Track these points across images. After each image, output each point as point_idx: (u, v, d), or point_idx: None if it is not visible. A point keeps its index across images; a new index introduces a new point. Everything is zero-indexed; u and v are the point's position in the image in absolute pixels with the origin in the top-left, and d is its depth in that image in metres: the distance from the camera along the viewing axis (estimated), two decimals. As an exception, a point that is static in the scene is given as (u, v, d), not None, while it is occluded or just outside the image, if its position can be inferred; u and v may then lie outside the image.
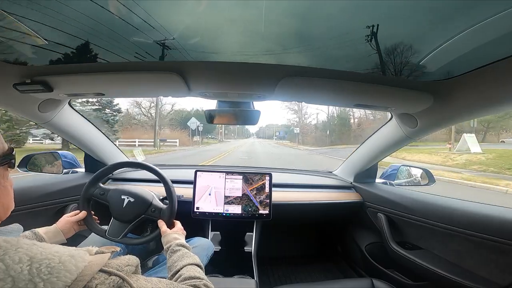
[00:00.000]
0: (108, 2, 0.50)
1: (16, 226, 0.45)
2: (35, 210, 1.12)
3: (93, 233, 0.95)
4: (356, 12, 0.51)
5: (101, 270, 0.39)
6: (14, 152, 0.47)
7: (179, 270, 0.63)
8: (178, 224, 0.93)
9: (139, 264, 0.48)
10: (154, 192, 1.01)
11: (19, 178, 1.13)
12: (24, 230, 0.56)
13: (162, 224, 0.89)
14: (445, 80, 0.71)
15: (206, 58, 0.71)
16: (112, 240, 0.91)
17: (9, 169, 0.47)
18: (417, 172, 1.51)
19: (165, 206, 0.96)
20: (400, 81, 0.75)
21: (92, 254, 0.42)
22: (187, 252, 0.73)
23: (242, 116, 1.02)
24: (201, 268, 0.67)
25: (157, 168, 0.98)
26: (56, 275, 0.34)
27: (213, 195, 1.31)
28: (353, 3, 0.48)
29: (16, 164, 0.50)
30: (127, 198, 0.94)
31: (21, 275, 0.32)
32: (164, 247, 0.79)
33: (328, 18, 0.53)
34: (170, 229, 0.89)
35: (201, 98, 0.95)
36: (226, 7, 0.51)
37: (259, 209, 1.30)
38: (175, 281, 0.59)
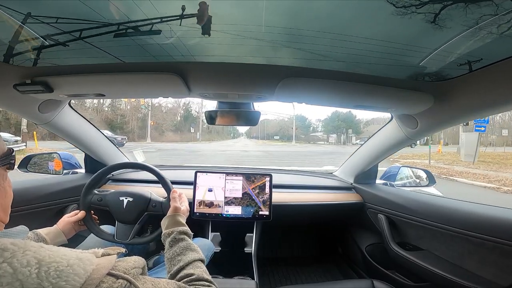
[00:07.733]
0: (108, 2, 0.50)
1: (23, 228, 0.45)
2: (35, 210, 1.12)
3: (92, 234, 0.95)
4: (356, 13, 0.51)
5: (108, 274, 0.38)
6: (13, 153, 0.47)
7: (184, 267, 0.60)
8: (184, 198, 0.87)
9: (146, 265, 0.48)
10: (153, 192, 1.01)
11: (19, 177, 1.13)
12: None
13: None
14: (445, 80, 0.71)
15: (206, 59, 0.71)
16: (122, 243, 0.90)
17: (7, 170, 0.46)
18: (417, 173, 1.51)
19: (164, 199, 0.96)
20: (400, 82, 0.75)
21: (98, 256, 0.41)
22: (190, 243, 0.68)
23: (242, 117, 1.03)
24: (203, 263, 0.64)
25: (156, 169, 0.98)
26: (65, 279, 0.33)
27: (213, 196, 1.31)
28: (354, 4, 0.48)
29: (16, 165, 0.50)
30: (126, 198, 0.94)
31: (29, 279, 0.31)
32: (164, 231, 0.71)
33: (329, 19, 0.53)
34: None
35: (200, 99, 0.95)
36: (226, 7, 0.51)
37: (260, 209, 1.30)
38: (180, 280, 0.57)
